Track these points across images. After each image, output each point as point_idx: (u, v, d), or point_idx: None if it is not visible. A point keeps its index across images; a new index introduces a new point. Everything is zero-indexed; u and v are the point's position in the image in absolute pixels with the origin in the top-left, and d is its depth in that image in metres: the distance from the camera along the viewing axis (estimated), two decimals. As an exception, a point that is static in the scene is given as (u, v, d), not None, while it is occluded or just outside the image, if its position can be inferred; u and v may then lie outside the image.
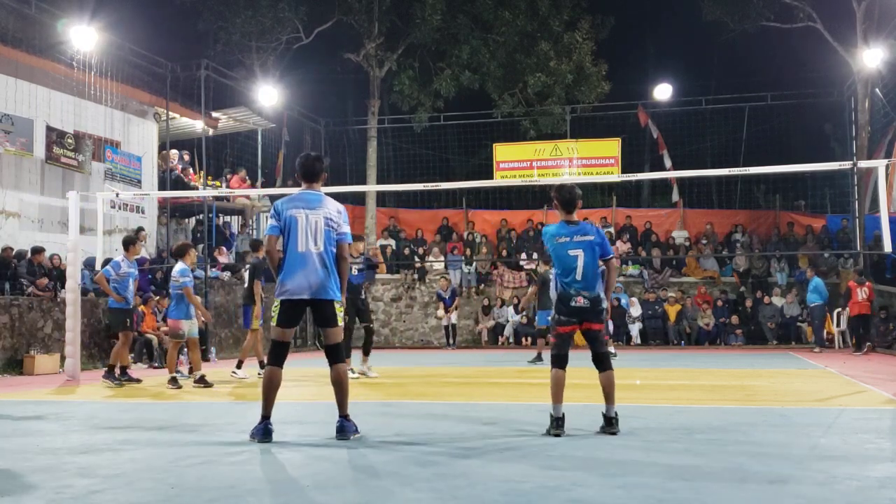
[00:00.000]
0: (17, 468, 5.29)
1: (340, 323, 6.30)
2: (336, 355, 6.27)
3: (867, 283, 18.98)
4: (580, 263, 6.37)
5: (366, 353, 12.50)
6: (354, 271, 12.18)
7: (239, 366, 12.77)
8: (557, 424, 6.21)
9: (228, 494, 4.43)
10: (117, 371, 11.75)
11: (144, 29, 21.16)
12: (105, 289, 11.87)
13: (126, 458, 5.60)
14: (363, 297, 12.48)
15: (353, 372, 12.06)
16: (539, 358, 15.38)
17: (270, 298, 7.29)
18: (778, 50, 27.38)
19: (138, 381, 11.85)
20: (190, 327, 11.45)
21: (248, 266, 14.01)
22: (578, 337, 6.64)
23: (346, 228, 6.39)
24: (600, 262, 6.55)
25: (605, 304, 6.49)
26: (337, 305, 6.27)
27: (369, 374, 12.29)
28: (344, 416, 6.18)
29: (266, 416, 6.17)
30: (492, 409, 8.40)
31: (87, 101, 18.21)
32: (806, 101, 24.67)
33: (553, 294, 6.52)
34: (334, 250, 6.27)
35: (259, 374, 12.56)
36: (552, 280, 8.41)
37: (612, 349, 15.12)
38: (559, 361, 6.42)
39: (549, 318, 6.58)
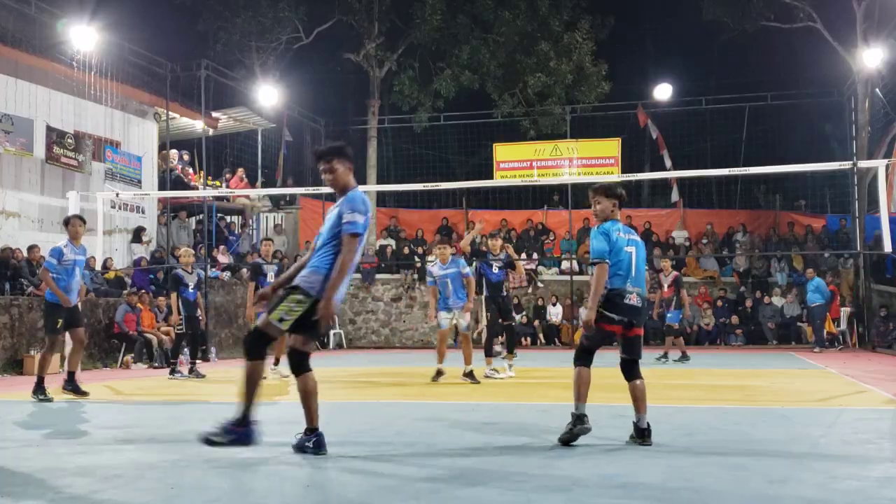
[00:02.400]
0: (16, 468, 5.29)
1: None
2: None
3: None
4: (634, 260, 6.12)
5: (510, 351, 12.18)
6: (495, 269, 12.04)
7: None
8: (583, 420, 5.85)
9: (228, 494, 4.43)
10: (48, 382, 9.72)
11: (144, 29, 21.17)
12: (49, 284, 9.77)
13: (126, 457, 5.60)
14: (504, 294, 12.13)
15: (498, 373, 11.83)
16: (686, 357, 15.30)
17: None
18: (778, 50, 27.37)
19: (49, 399, 9.47)
20: (452, 320, 11.40)
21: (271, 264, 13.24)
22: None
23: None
24: None
25: None
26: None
27: (497, 376, 11.76)
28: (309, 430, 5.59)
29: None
30: (492, 410, 8.40)
31: (87, 101, 18.21)
32: (806, 101, 24.66)
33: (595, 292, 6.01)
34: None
35: (273, 370, 12.30)
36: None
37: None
38: (588, 359, 6.02)
39: (603, 314, 5.98)
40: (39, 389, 9.51)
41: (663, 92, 25.60)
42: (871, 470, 5.00)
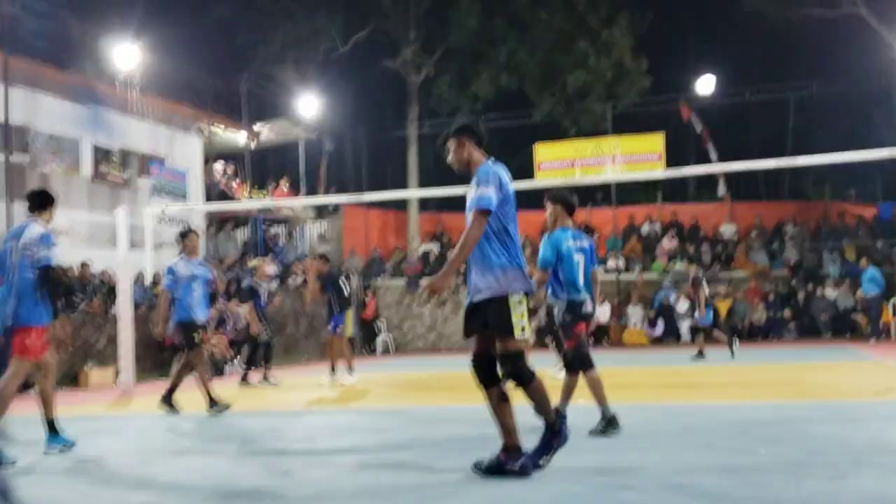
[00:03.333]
0: (73, 481, 5.37)
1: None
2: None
3: None
4: (582, 269, 6.43)
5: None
6: None
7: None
8: (615, 422, 6.18)
9: None
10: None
11: (185, 45, 21.45)
12: (160, 305, 9.70)
13: (181, 468, 5.67)
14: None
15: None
16: (701, 354, 15.04)
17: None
18: (822, 38, 26.85)
19: (227, 406, 9.07)
20: None
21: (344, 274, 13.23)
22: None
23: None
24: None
25: None
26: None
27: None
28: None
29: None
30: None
31: (132, 118, 18.53)
32: (852, 88, 24.14)
33: (556, 299, 6.44)
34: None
35: (334, 380, 12.41)
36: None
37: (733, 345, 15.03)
38: (590, 361, 6.33)
39: (558, 321, 6.47)
40: (213, 404, 8.93)
41: (706, 85, 25.25)
42: (935, 463, 4.87)
